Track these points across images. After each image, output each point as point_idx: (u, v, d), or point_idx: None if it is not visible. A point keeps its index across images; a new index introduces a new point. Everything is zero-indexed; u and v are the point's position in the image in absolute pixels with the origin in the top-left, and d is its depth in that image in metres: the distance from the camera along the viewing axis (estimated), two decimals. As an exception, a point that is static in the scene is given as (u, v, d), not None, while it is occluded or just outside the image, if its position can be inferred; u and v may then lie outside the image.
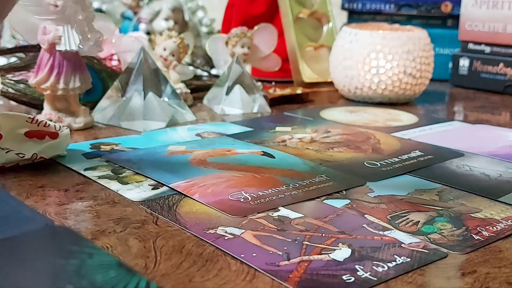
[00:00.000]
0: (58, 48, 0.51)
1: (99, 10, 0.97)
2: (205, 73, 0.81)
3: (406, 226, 0.33)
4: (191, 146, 0.48)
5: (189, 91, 0.67)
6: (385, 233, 0.32)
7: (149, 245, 0.30)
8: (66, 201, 0.37)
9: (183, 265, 0.28)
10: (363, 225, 0.33)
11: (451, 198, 0.38)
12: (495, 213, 0.36)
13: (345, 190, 0.39)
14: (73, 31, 0.50)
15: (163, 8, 0.84)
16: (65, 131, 0.44)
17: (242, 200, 0.36)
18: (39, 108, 0.57)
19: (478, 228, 0.33)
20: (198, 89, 0.73)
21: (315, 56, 0.82)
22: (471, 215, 0.35)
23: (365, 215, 0.35)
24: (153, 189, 0.39)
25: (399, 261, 0.29)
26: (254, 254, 0.29)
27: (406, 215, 0.35)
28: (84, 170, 0.42)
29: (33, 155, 0.42)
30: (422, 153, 0.48)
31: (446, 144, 0.51)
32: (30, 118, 0.44)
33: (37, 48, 0.55)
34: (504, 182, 0.41)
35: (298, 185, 0.39)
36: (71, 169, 0.43)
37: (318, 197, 0.37)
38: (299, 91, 0.71)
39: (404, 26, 0.75)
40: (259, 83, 0.70)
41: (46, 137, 0.43)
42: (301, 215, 0.34)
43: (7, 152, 0.42)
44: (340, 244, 0.31)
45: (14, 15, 0.51)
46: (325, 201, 0.37)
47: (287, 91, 0.71)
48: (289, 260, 0.29)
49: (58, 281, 0.26)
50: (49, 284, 0.26)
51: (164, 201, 0.36)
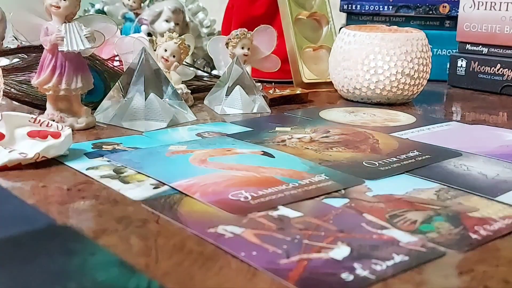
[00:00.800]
0: (60, 48, 0.51)
1: (100, 11, 0.97)
2: (205, 74, 0.81)
3: (404, 225, 0.34)
4: (192, 146, 0.49)
5: (189, 91, 0.67)
6: (384, 232, 0.33)
7: (150, 243, 0.31)
8: (68, 201, 0.37)
9: (184, 263, 0.29)
10: (362, 224, 0.34)
11: (449, 197, 0.38)
12: (492, 212, 0.36)
13: (344, 189, 0.39)
14: (76, 31, 0.51)
15: (164, 9, 0.85)
16: (67, 131, 0.45)
17: (242, 199, 0.37)
18: (42, 108, 0.57)
19: (475, 227, 0.33)
20: (198, 90, 0.73)
21: (315, 57, 0.82)
22: (468, 214, 0.36)
23: (363, 214, 0.35)
24: (154, 188, 0.39)
25: (397, 259, 0.29)
26: (254, 253, 0.30)
27: (404, 214, 0.35)
28: (86, 170, 0.42)
29: (35, 155, 0.42)
30: (420, 153, 0.48)
31: (444, 144, 0.51)
32: (32, 118, 0.45)
33: (39, 48, 0.55)
34: (501, 182, 0.42)
35: (297, 184, 0.40)
36: (73, 168, 0.43)
37: (317, 196, 0.38)
38: (298, 91, 0.72)
39: (402, 28, 0.76)
40: (259, 84, 0.70)
41: (49, 137, 0.44)
42: (300, 214, 0.35)
43: (10, 151, 0.42)
44: (339, 243, 0.31)
45: (17, 16, 0.52)
46: (324, 200, 0.37)
47: (286, 91, 0.71)
48: (288, 258, 0.29)
49: (60, 280, 0.26)
50: (51, 282, 0.26)
51: (165, 200, 0.37)
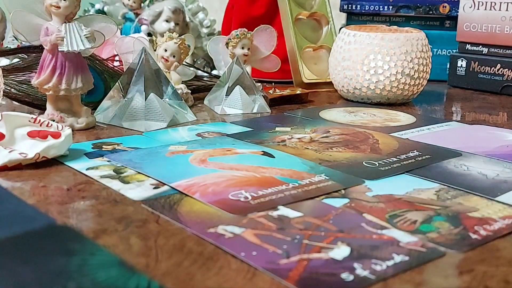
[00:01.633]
0: (60, 49, 0.51)
1: (100, 12, 0.97)
2: (205, 74, 0.81)
3: (404, 225, 0.34)
4: (192, 146, 0.49)
5: (189, 91, 0.67)
6: (384, 232, 0.33)
7: (150, 243, 0.31)
8: (68, 201, 0.37)
9: (184, 263, 0.29)
10: (362, 224, 0.34)
11: (449, 197, 0.38)
12: (492, 212, 0.36)
13: (344, 189, 0.39)
14: (76, 31, 0.51)
15: (164, 9, 0.85)
16: (67, 131, 0.45)
17: (242, 199, 0.37)
18: (42, 108, 0.57)
19: (475, 227, 0.33)
20: (198, 90, 0.73)
21: (315, 57, 0.82)
22: (468, 214, 0.36)
23: (363, 214, 0.35)
24: (154, 188, 0.39)
25: (397, 259, 0.29)
26: (254, 253, 0.30)
27: (404, 214, 0.35)
28: (86, 170, 0.42)
29: (35, 155, 0.42)
30: (420, 153, 0.48)
31: (444, 144, 0.51)
32: (32, 118, 0.45)
33: (39, 49, 0.55)
34: (501, 182, 0.42)
35: (297, 184, 0.40)
36: (73, 168, 0.43)
37: (317, 196, 0.38)
38: (298, 91, 0.72)
39: (402, 28, 0.76)
40: (259, 84, 0.70)
41: (49, 137, 0.44)
42: (300, 214, 0.35)
43: (10, 151, 0.42)
44: (339, 243, 0.31)
45: (17, 16, 0.52)
46: (324, 200, 0.37)
47: (286, 91, 0.71)
48: (288, 258, 0.29)
49: (60, 280, 0.26)
50: (51, 282, 0.26)
51: (165, 200, 0.37)
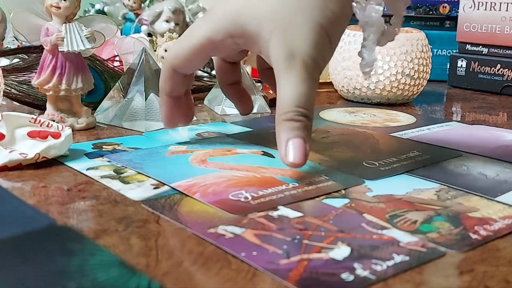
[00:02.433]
0: (60, 49, 0.51)
1: (101, 12, 0.97)
2: (205, 74, 0.81)
3: (405, 225, 0.34)
4: (192, 146, 0.49)
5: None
6: (384, 232, 0.33)
7: (151, 244, 0.31)
8: (69, 201, 0.37)
9: (184, 263, 0.29)
10: (362, 224, 0.34)
11: (449, 197, 0.38)
12: (492, 212, 0.36)
13: (344, 189, 0.39)
14: (76, 32, 0.51)
15: (164, 9, 0.85)
16: (67, 131, 0.45)
17: (242, 199, 0.37)
18: (42, 109, 0.57)
19: (475, 227, 0.33)
20: (198, 90, 0.73)
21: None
22: (468, 214, 0.36)
23: (364, 214, 0.35)
24: (154, 188, 0.39)
25: (397, 259, 0.29)
26: (255, 253, 0.30)
27: (405, 214, 0.35)
28: (86, 170, 0.43)
29: (35, 155, 0.43)
30: (420, 153, 0.48)
31: (444, 144, 0.51)
32: (32, 118, 0.45)
33: (39, 49, 0.55)
34: (501, 182, 0.42)
35: (297, 184, 0.40)
36: (73, 169, 0.43)
37: (317, 197, 0.38)
38: (298, 91, 0.72)
39: (402, 28, 0.76)
40: (259, 84, 0.70)
41: (49, 137, 0.44)
42: (300, 214, 0.35)
43: (10, 152, 0.42)
44: (339, 243, 0.31)
45: (17, 16, 0.52)
46: (325, 201, 0.37)
47: (286, 91, 0.71)
48: (289, 258, 0.29)
49: (60, 280, 0.26)
50: (51, 283, 0.26)
51: (166, 200, 0.37)
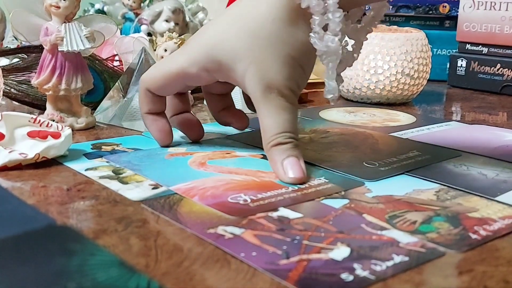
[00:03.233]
0: (60, 49, 0.51)
1: (100, 11, 0.97)
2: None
3: (404, 225, 0.34)
4: (191, 148, 0.49)
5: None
6: (383, 232, 0.33)
7: (150, 244, 0.31)
8: (68, 201, 0.37)
9: (183, 264, 0.29)
10: (362, 225, 0.34)
11: (449, 197, 0.38)
12: (492, 212, 0.36)
13: (343, 191, 0.39)
14: (75, 31, 0.51)
15: (164, 9, 0.85)
16: (67, 131, 0.45)
17: (241, 202, 0.37)
18: (42, 108, 0.57)
19: (475, 227, 0.33)
20: (198, 90, 0.73)
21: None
22: (468, 214, 0.36)
23: (363, 215, 0.35)
24: (153, 189, 0.39)
25: (397, 260, 0.29)
26: (254, 253, 0.30)
27: (404, 215, 0.35)
28: (85, 170, 0.42)
29: (35, 155, 0.43)
30: (420, 153, 0.48)
31: (443, 144, 0.51)
32: (32, 118, 0.45)
33: (39, 48, 0.55)
34: (501, 182, 0.42)
35: (297, 188, 0.40)
36: (72, 169, 0.43)
37: (317, 197, 0.38)
38: (298, 91, 0.72)
39: (402, 28, 0.76)
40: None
41: (49, 137, 0.44)
42: (300, 215, 0.35)
43: (10, 152, 0.42)
44: (339, 244, 0.31)
45: (17, 16, 0.52)
46: (324, 201, 0.37)
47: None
48: (288, 259, 0.29)
49: (60, 280, 0.26)
50: (51, 283, 0.26)
51: (165, 200, 0.37)
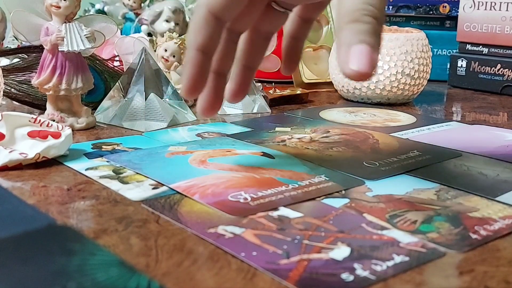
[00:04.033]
0: (60, 48, 0.51)
1: (101, 12, 0.97)
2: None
3: (405, 225, 0.34)
4: (191, 147, 0.49)
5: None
6: (384, 232, 0.33)
7: (151, 243, 0.31)
8: (68, 201, 0.37)
9: (184, 263, 0.29)
10: (362, 225, 0.34)
11: (449, 197, 0.38)
12: (492, 212, 0.36)
13: (344, 190, 0.39)
14: (76, 31, 0.51)
15: (165, 9, 0.85)
16: (67, 131, 0.45)
17: (241, 200, 0.37)
18: (42, 108, 0.57)
19: (475, 227, 0.33)
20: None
21: (315, 57, 0.82)
22: (468, 214, 0.36)
23: (363, 215, 0.35)
24: (153, 188, 0.39)
25: (397, 260, 0.29)
26: (254, 253, 0.30)
27: (404, 214, 0.35)
28: (86, 170, 0.42)
29: (36, 155, 0.43)
30: (420, 153, 0.48)
31: (444, 144, 0.51)
32: (32, 118, 0.45)
33: (39, 48, 0.55)
34: (501, 182, 0.42)
35: (297, 185, 0.40)
36: (72, 169, 0.43)
37: (317, 197, 0.38)
38: (298, 91, 0.72)
39: (402, 28, 0.76)
40: (259, 84, 0.70)
41: (49, 137, 0.44)
42: (300, 214, 0.35)
43: (10, 152, 0.42)
44: (339, 243, 0.31)
45: (17, 16, 0.52)
46: (324, 201, 0.37)
47: (286, 91, 0.71)
48: (288, 258, 0.29)
49: (60, 280, 0.26)
50: (51, 282, 0.26)
51: (166, 200, 0.37)
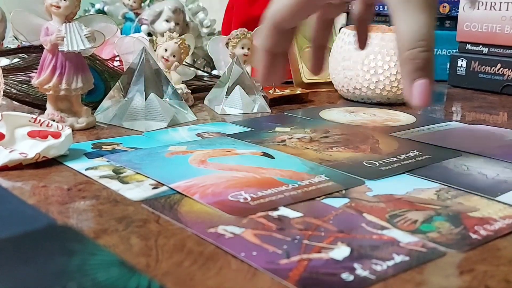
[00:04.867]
0: (60, 48, 0.51)
1: (101, 11, 0.97)
2: (205, 74, 0.81)
3: (405, 225, 0.34)
4: (191, 147, 0.49)
5: (190, 91, 0.67)
6: (384, 232, 0.33)
7: (151, 243, 0.31)
8: (69, 200, 0.37)
9: (184, 263, 0.29)
10: (362, 224, 0.34)
11: (449, 197, 0.38)
12: (492, 212, 0.36)
13: (344, 190, 0.39)
14: (76, 31, 0.51)
15: (165, 9, 0.85)
16: (67, 131, 0.45)
17: (242, 200, 0.37)
18: (42, 108, 0.57)
19: (475, 227, 0.33)
20: (199, 90, 0.73)
21: (315, 57, 0.82)
22: (469, 214, 0.36)
23: (363, 214, 0.35)
24: (153, 188, 0.39)
25: (397, 259, 0.29)
26: (255, 253, 0.30)
27: (405, 214, 0.35)
28: (86, 170, 0.42)
29: (36, 155, 0.43)
30: (420, 153, 0.48)
31: (444, 144, 0.51)
32: (32, 118, 0.45)
33: (39, 48, 0.55)
34: (501, 182, 0.42)
35: (297, 185, 0.40)
36: (73, 169, 0.43)
37: (317, 197, 0.38)
38: (298, 91, 0.72)
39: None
40: (259, 84, 0.70)
41: (49, 137, 0.44)
42: (300, 214, 0.35)
43: (10, 151, 0.42)
44: (339, 243, 0.31)
45: (17, 16, 0.52)
46: (324, 201, 0.37)
47: (286, 91, 0.71)
48: (289, 258, 0.29)
49: (60, 280, 0.26)
50: (51, 282, 0.26)
51: (166, 200, 0.37)
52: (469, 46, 0.85)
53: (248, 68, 0.69)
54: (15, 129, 0.44)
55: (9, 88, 0.60)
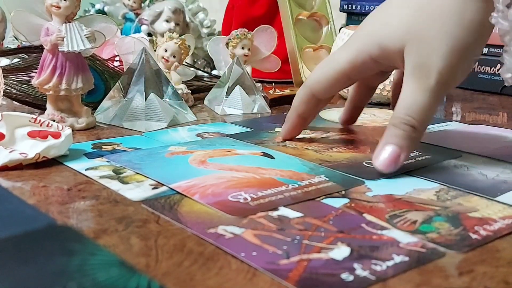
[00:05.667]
0: (60, 49, 0.51)
1: (101, 12, 0.97)
2: (206, 74, 0.81)
3: (404, 225, 0.34)
4: (191, 147, 0.49)
5: (190, 91, 0.67)
6: (384, 232, 0.33)
7: (151, 243, 0.31)
8: (69, 201, 0.37)
9: (184, 263, 0.29)
10: (362, 225, 0.34)
11: (449, 197, 0.38)
12: (492, 212, 0.36)
13: (344, 190, 0.39)
14: (76, 32, 0.51)
15: (165, 9, 0.85)
16: (67, 131, 0.45)
17: (241, 200, 0.37)
18: (42, 108, 0.57)
19: (475, 227, 0.33)
20: (199, 90, 0.73)
21: (315, 57, 0.82)
22: (468, 214, 0.36)
23: (363, 215, 0.35)
24: (153, 188, 0.39)
25: (397, 260, 0.29)
26: (254, 253, 0.30)
27: (404, 214, 0.35)
28: (86, 170, 0.43)
29: (36, 155, 0.43)
30: (420, 153, 0.48)
31: (444, 144, 0.51)
32: (32, 118, 0.45)
33: (39, 49, 0.55)
34: (501, 182, 0.42)
35: (297, 185, 0.40)
36: (73, 169, 0.43)
37: (317, 197, 0.38)
38: (298, 91, 0.72)
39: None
40: (259, 84, 0.70)
41: (49, 137, 0.44)
42: (300, 214, 0.35)
43: (10, 151, 0.42)
44: (339, 243, 0.31)
45: (17, 16, 0.52)
46: (324, 201, 0.37)
47: (286, 91, 0.71)
48: (288, 259, 0.29)
49: (60, 280, 0.26)
50: (51, 282, 0.26)
51: (166, 200, 0.37)
52: (469, 47, 0.84)
53: (248, 69, 0.69)
54: (15, 129, 0.44)
55: (9, 88, 0.60)
